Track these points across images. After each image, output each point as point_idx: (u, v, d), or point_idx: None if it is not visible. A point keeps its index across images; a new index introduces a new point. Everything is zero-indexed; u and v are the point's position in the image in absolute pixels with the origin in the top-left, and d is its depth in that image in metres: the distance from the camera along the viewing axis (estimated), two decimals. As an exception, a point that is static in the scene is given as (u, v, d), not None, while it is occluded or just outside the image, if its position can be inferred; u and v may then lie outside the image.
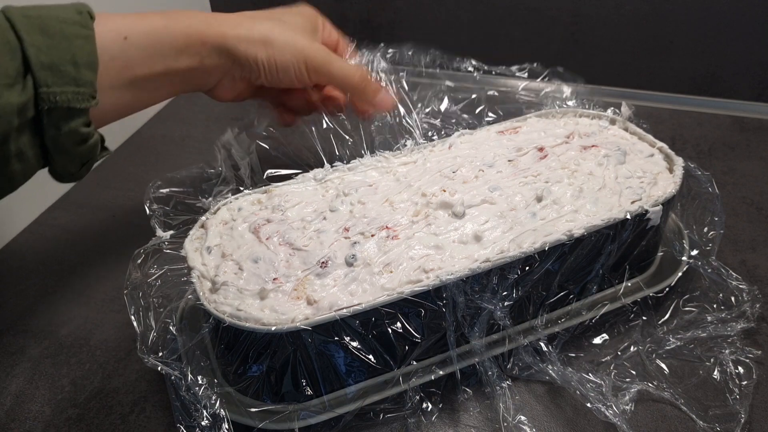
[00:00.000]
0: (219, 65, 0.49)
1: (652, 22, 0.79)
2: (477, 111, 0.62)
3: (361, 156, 0.54)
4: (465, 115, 0.61)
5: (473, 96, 0.62)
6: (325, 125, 0.56)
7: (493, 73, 0.64)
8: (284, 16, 0.52)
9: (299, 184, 0.51)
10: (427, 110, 0.60)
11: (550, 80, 0.63)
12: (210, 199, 0.50)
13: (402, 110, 0.57)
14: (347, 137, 0.56)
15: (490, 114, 0.62)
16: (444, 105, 0.61)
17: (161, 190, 0.52)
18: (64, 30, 0.39)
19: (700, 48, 0.79)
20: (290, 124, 0.59)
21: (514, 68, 0.64)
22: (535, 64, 0.64)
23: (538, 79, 0.64)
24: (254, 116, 0.58)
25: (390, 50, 0.60)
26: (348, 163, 0.53)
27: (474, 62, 0.64)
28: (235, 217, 0.48)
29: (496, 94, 0.64)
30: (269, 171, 0.53)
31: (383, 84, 0.57)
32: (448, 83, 0.62)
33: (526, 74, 0.65)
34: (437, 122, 0.59)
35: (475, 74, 0.64)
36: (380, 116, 0.57)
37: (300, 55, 0.50)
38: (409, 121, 0.57)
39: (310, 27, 0.53)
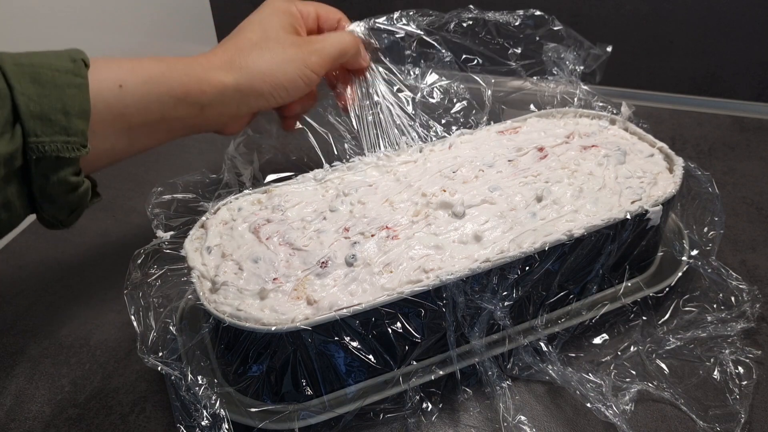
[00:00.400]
0: (223, 112, 0.48)
1: (652, 22, 0.79)
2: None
3: (362, 153, 0.54)
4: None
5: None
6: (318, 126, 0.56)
7: (489, 17, 0.61)
8: (265, 28, 0.51)
9: (299, 184, 0.51)
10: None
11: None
12: (212, 203, 0.50)
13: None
14: (348, 135, 0.56)
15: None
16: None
17: (163, 197, 0.51)
18: (57, 79, 0.38)
19: (700, 48, 0.79)
20: (293, 128, 0.58)
21: (519, 13, 0.61)
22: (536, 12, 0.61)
23: (535, 78, 0.63)
24: (253, 124, 0.58)
25: (380, 22, 0.59)
26: (347, 162, 0.53)
27: (472, 9, 0.61)
28: (235, 217, 0.48)
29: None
30: (270, 176, 0.53)
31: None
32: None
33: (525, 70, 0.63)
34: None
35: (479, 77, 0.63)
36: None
37: (300, 63, 0.50)
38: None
39: (287, 21, 0.52)
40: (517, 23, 0.61)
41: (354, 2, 0.88)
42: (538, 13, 0.61)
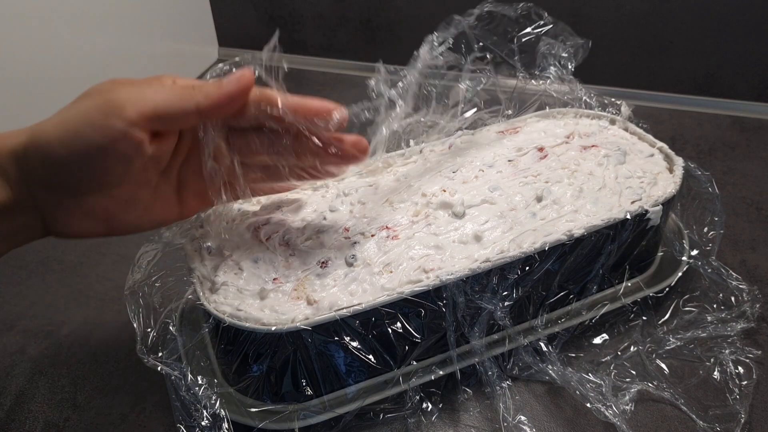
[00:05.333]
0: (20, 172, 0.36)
1: (652, 22, 0.79)
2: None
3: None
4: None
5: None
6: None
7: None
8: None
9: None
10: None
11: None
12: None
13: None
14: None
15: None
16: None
17: None
18: None
19: (700, 48, 0.79)
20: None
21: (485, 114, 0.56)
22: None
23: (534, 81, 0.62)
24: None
25: None
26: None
27: None
28: (235, 217, 0.48)
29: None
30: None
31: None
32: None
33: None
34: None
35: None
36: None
37: (103, 112, 0.34)
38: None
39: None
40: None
41: (354, 2, 0.88)
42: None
